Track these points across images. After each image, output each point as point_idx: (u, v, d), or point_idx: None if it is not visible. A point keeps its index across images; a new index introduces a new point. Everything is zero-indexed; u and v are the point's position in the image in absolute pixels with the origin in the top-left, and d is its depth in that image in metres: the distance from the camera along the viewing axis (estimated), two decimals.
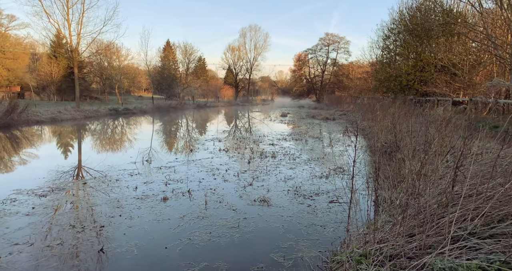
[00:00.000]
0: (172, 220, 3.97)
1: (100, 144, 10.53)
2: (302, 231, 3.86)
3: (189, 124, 19.03)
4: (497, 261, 1.91)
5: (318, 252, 3.30)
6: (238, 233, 3.68)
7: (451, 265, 1.92)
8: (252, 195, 5.06)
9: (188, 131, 14.98)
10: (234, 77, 52.94)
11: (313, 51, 49.22)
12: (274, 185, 5.73)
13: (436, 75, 19.41)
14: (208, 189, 5.31)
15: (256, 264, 3.03)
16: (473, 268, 1.88)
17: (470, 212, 2.56)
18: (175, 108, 26.82)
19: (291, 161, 7.79)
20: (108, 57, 39.61)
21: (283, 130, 14.75)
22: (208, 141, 10.92)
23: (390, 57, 24.87)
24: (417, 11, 21.44)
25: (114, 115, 21.04)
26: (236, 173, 6.45)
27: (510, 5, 13.08)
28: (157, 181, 5.65)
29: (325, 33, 58.51)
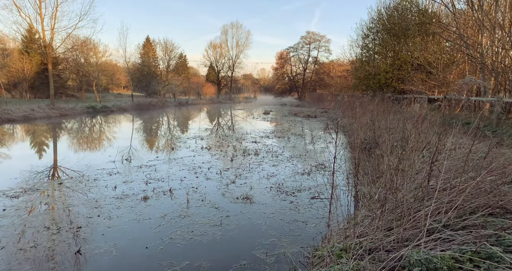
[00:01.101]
0: (153, 219, 3.89)
1: (77, 142, 10.17)
2: (284, 227, 3.89)
3: (171, 122, 18.71)
4: (468, 251, 2.00)
5: (300, 248, 3.34)
6: (221, 231, 3.66)
7: (427, 256, 1.99)
8: (235, 193, 5.05)
9: (169, 129, 14.72)
10: (216, 74, 52.52)
11: (295, 49, 49.59)
12: (257, 182, 5.74)
13: (412, 74, 20.06)
14: (190, 187, 5.25)
15: (239, 261, 3.02)
16: (447, 258, 1.96)
17: (444, 205, 2.66)
18: (155, 106, 26.27)
19: (273, 158, 7.83)
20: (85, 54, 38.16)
21: (266, 128, 14.79)
22: (190, 139, 10.79)
23: (369, 56, 25.43)
24: (394, 11, 22.04)
25: (92, 113, 20.35)
26: (218, 171, 6.41)
27: (480, 7, 13.67)
28: (137, 180, 5.52)
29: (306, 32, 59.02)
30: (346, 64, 38.15)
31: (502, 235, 2.14)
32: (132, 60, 46.19)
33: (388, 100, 15.47)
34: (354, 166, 2.95)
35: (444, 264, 1.92)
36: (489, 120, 11.98)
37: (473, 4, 13.95)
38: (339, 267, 2.26)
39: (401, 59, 21.66)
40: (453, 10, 15.24)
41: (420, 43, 20.37)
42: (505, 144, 7.04)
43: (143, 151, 8.53)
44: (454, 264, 1.92)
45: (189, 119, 20.49)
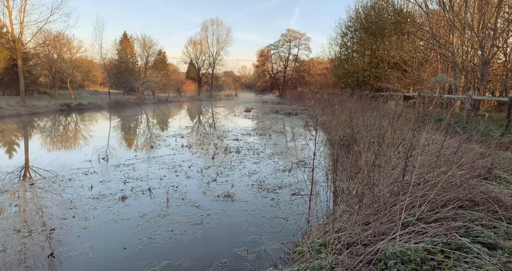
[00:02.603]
0: (131, 219, 3.80)
1: (50, 141, 9.73)
2: (265, 224, 3.92)
3: (149, 120, 18.29)
4: (440, 243, 2.09)
5: (281, 244, 3.37)
6: (201, 230, 3.63)
7: (401, 249, 2.07)
8: (216, 191, 5.02)
9: (148, 127, 14.40)
10: (197, 71, 51.86)
11: (276, 47, 49.76)
12: (239, 180, 5.74)
13: (389, 72, 20.67)
14: (170, 186, 5.17)
15: (219, 259, 3.01)
16: (420, 250, 2.04)
17: (418, 199, 2.77)
18: (133, 103, 25.58)
19: (255, 155, 7.84)
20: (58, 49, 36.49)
21: (247, 125, 14.79)
22: (170, 137, 10.60)
23: (348, 54, 25.95)
24: (371, 10, 22.57)
25: (66, 111, 19.51)
26: (199, 169, 6.35)
27: (451, 7, 14.26)
28: (115, 180, 5.36)
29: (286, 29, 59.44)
30: (325, 62, 38.75)
31: (470, 226, 2.26)
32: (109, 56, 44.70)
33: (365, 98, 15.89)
34: (333, 163, 3.00)
35: (418, 256, 2.00)
36: (460, 117, 12.58)
37: (444, 4, 14.52)
38: (318, 262, 2.30)
39: (378, 58, 22.26)
40: (426, 10, 15.80)
41: (396, 42, 21.01)
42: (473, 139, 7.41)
43: (121, 150, 8.29)
44: (426, 256, 2.00)
45: (169, 117, 20.12)
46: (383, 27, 21.69)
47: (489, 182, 3.51)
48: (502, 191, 2.87)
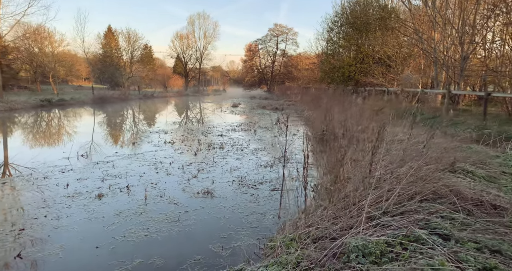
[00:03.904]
0: (106, 217, 3.76)
1: (26, 139, 9.46)
2: (243, 220, 3.95)
3: (133, 116, 18.01)
4: (400, 236, 2.16)
5: (256, 240, 3.41)
6: (178, 227, 3.64)
7: (363, 242, 2.13)
8: (195, 188, 5.01)
9: (131, 123, 14.17)
10: (184, 66, 51.21)
11: (263, 41, 49.57)
12: (220, 176, 5.74)
13: (374, 67, 20.94)
14: (149, 183, 5.13)
15: (194, 256, 3.03)
16: (381, 243, 2.11)
17: (385, 193, 2.84)
18: (118, 98, 25.09)
19: (238, 151, 7.85)
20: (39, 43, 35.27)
21: (233, 121, 14.75)
22: (153, 133, 10.48)
23: (334, 49, 26.10)
24: (356, 5, 22.71)
25: (47, 107, 18.96)
26: (181, 165, 6.32)
27: (433, 4, 14.50)
28: (93, 177, 5.28)
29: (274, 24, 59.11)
30: (313, 57, 38.88)
31: (430, 218, 2.34)
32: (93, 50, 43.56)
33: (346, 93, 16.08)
34: (304, 158, 3.04)
35: (378, 248, 2.07)
36: (440, 111, 12.89)
37: (426, 1, 14.75)
38: (286, 257, 2.34)
39: (363, 53, 22.48)
40: (409, 6, 16.02)
41: (380, 37, 21.26)
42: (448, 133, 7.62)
43: (101, 147, 8.14)
44: (386, 248, 2.07)
45: (154, 113, 19.86)
46: (368, 22, 21.90)
47: (457, 175, 3.64)
48: (464, 184, 2.98)
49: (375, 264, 1.98)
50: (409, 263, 1.85)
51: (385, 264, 1.95)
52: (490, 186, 3.37)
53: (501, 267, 1.75)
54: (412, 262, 1.84)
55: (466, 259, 1.82)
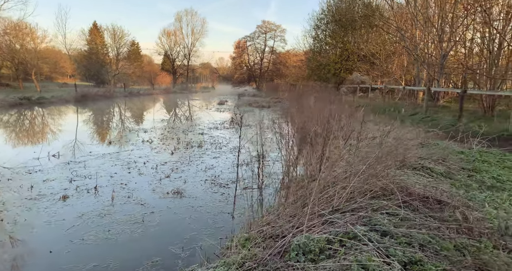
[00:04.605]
0: (67, 220, 3.70)
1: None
2: (209, 220, 3.94)
3: (114, 114, 17.73)
4: (341, 233, 2.20)
5: (219, 239, 3.42)
6: (141, 229, 3.61)
7: (305, 240, 2.16)
8: (166, 188, 4.98)
9: (110, 122, 13.96)
10: (171, 63, 50.68)
11: (252, 38, 49.42)
12: (193, 175, 5.72)
13: (358, 64, 21.14)
14: (119, 184, 5.07)
15: (152, 258, 3.01)
16: (322, 241, 2.14)
17: (338, 190, 2.88)
18: (102, 96, 24.65)
19: (217, 150, 7.84)
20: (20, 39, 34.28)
21: (217, 118, 14.69)
22: (132, 132, 10.36)
23: (320, 47, 26.24)
24: (342, 3, 22.84)
25: (26, 105, 18.46)
26: (155, 165, 6.26)
27: (414, 2, 14.68)
28: (60, 178, 5.18)
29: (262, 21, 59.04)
30: (300, 55, 39.00)
31: (374, 215, 2.39)
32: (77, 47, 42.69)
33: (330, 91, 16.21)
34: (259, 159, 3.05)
35: (317, 246, 2.10)
36: (420, 108, 13.13)
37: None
38: (235, 257, 2.36)
39: (348, 50, 22.68)
40: (391, 3, 16.19)
41: (365, 35, 21.48)
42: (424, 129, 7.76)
43: (75, 146, 7.99)
44: (325, 246, 2.11)
45: (136, 111, 19.60)
46: (353, 20, 22.05)
47: (416, 171, 3.71)
48: (415, 180, 3.05)
49: (312, 262, 2.01)
50: (342, 259, 1.89)
51: (321, 261, 1.98)
52: (445, 181, 3.46)
53: (425, 260, 1.81)
54: (344, 259, 1.88)
55: (395, 254, 1.87)
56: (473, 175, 3.76)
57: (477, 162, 4.42)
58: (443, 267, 1.78)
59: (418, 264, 1.82)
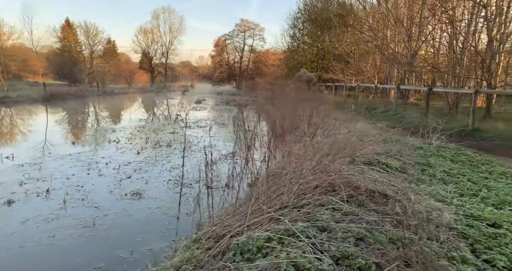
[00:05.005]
0: (8, 226, 3.46)
1: None
2: (165, 221, 3.82)
3: (83, 114, 17.06)
4: (282, 230, 2.15)
5: (172, 242, 3.30)
6: (90, 233, 3.43)
7: (244, 239, 2.10)
8: (125, 189, 4.79)
9: (76, 122, 13.41)
10: (149, 61, 49.57)
11: (231, 37, 49.10)
12: (157, 176, 5.55)
13: (334, 63, 21.46)
14: (75, 186, 4.82)
15: (96, 264, 2.85)
16: (261, 239, 2.08)
17: (289, 187, 2.85)
18: (74, 95, 23.68)
19: (186, 149, 7.66)
20: None
21: (192, 117, 14.45)
22: (99, 131, 9.99)
23: (298, 45, 26.44)
24: (317, 2, 23.10)
25: None
26: (117, 165, 6.03)
27: (385, 2, 15.04)
28: (10, 182, 4.86)
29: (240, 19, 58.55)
30: (279, 53, 39.18)
31: (318, 211, 2.37)
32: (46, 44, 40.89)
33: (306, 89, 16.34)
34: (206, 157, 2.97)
35: (256, 245, 2.04)
36: (391, 105, 13.48)
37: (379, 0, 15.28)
38: (172, 261, 2.26)
39: (324, 49, 22.98)
40: (364, 4, 16.52)
41: (340, 34, 21.82)
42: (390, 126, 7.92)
43: (34, 147, 7.56)
44: (263, 244, 2.05)
45: (107, 111, 18.96)
46: (328, 19, 22.35)
47: (372, 167, 3.74)
48: (366, 175, 3.06)
49: (249, 261, 1.95)
50: (275, 257, 1.84)
51: (257, 260, 1.92)
52: (398, 176, 3.51)
53: (358, 254, 1.79)
54: (277, 257, 1.83)
55: (328, 249, 1.85)
56: (426, 169, 3.84)
57: (433, 157, 4.54)
58: (373, 260, 1.77)
59: (349, 258, 1.80)
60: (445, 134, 6.70)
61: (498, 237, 2.01)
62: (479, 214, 2.32)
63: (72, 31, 43.37)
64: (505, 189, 3.14)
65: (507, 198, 2.79)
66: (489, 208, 2.50)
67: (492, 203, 2.71)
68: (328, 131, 6.45)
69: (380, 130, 7.72)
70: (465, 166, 4.22)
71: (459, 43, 11.49)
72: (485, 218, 2.25)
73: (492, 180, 3.55)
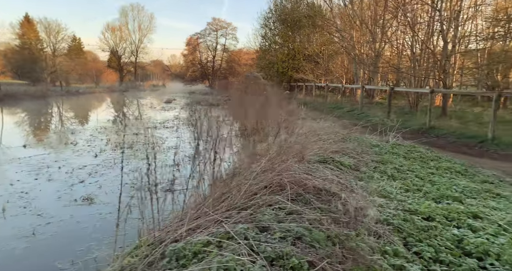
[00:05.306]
0: None
1: None
2: (114, 227, 3.61)
3: (40, 114, 16.05)
4: (221, 233, 2.09)
5: (119, 248, 3.12)
6: (28, 243, 3.17)
7: (182, 244, 2.01)
8: (76, 194, 4.51)
9: (31, 123, 12.57)
10: (117, 60, 47.78)
11: (203, 35, 48.50)
12: (113, 179, 5.28)
13: (304, 63, 21.79)
14: (18, 192, 4.47)
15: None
16: (199, 244, 2.00)
17: (235, 189, 2.78)
18: (32, 96, 22.23)
19: (149, 150, 7.38)
20: None
21: (159, 118, 14.04)
22: (56, 133, 9.42)
23: (269, 45, 26.57)
24: (287, 2, 23.34)
25: None
26: (71, 169, 5.68)
27: (351, 3, 15.48)
28: None
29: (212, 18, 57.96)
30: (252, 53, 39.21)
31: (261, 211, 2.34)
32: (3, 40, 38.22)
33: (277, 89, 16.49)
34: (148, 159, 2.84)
35: (192, 250, 1.96)
36: (357, 105, 13.89)
37: (345, 1, 15.70)
38: (110, 269, 2.13)
39: (295, 49, 23.27)
40: (330, 5, 16.89)
41: (310, 34, 22.20)
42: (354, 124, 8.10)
43: None
44: (201, 248, 1.97)
45: (69, 111, 17.99)
46: (298, 19, 22.66)
47: (326, 165, 3.78)
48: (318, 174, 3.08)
49: (183, 267, 1.86)
50: (209, 262, 1.77)
51: (193, 265, 1.84)
52: (351, 173, 3.56)
53: (293, 253, 1.76)
54: (210, 261, 1.77)
55: (264, 250, 1.81)
56: (379, 166, 3.94)
57: (388, 154, 4.69)
58: (307, 259, 1.75)
59: (284, 258, 1.77)
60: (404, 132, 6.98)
61: (430, 230, 2.08)
62: (417, 208, 2.39)
63: (32, 27, 40.84)
64: (446, 184, 3.29)
65: (447, 192, 2.92)
66: (428, 202, 2.59)
67: (433, 197, 2.82)
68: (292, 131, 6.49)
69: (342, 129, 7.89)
70: (416, 162, 4.40)
71: (418, 45, 12.05)
72: (421, 212, 2.33)
73: (438, 175, 3.71)
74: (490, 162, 5.18)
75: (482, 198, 2.89)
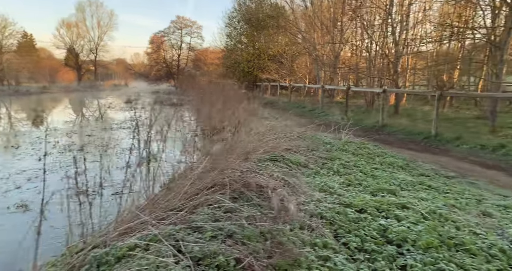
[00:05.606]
0: None
1: None
2: (50, 235, 3.35)
3: None
4: (150, 236, 1.99)
5: (52, 257, 2.89)
6: None
7: (106, 250, 1.91)
8: (10, 201, 4.13)
9: None
10: (74, 58, 45.02)
11: (167, 34, 47.11)
12: (55, 184, 4.86)
13: (269, 63, 22.00)
14: None
15: None
16: (125, 247, 1.91)
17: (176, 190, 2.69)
18: None
19: (101, 152, 6.99)
20: None
21: (116, 119, 13.39)
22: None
23: (234, 45, 26.49)
24: (251, 2, 23.42)
25: None
26: (7, 174, 5.20)
27: (312, 6, 15.87)
28: None
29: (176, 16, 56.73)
30: (218, 52, 38.84)
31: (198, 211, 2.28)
32: None
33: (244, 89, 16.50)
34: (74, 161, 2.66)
35: (115, 255, 1.85)
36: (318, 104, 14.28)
37: (305, 2, 16.07)
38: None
39: (259, 49, 23.41)
40: (291, 5, 17.21)
41: (274, 35, 22.45)
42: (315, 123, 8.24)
43: None
44: (127, 252, 1.87)
45: (16, 112, 16.59)
46: (262, 19, 22.82)
47: (276, 163, 3.80)
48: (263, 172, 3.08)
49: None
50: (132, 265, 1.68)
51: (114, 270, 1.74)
52: (299, 170, 3.61)
53: (221, 251, 1.73)
54: (134, 264, 1.67)
55: (191, 250, 1.75)
56: (327, 163, 4.04)
57: (338, 151, 4.83)
58: (234, 256, 1.71)
59: (211, 257, 1.72)
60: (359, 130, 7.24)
61: (360, 221, 2.15)
62: (352, 201, 2.47)
63: None
64: (387, 178, 3.45)
65: (384, 186, 3.06)
66: (365, 195, 2.69)
67: (371, 191, 2.94)
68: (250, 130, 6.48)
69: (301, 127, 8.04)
70: (363, 158, 4.58)
71: (373, 46, 12.65)
72: (355, 205, 2.40)
73: (381, 170, 3.89)
74: (431, 157, 5.54)
75: (415, 190, 3.07)
